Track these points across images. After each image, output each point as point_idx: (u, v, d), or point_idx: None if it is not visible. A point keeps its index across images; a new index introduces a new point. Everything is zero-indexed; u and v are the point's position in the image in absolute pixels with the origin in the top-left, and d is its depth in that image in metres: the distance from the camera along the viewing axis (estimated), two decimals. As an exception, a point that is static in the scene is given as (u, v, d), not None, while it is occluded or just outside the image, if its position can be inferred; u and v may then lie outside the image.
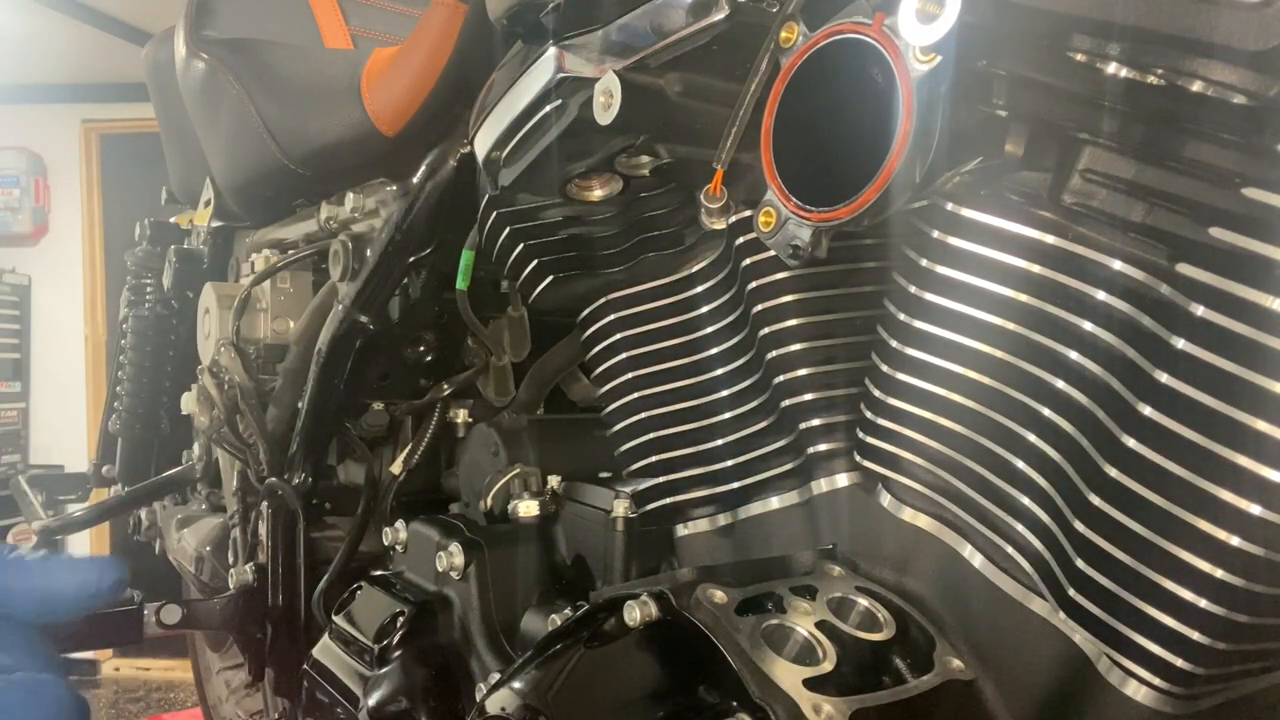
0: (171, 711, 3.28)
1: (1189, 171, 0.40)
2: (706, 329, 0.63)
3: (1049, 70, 0.41)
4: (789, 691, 0.44)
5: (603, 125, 0.55)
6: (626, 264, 0.67)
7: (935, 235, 0.47)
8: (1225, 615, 0.40)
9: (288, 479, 1.07)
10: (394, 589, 0.87)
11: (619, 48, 0.56)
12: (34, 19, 3.26)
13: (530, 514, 0.80)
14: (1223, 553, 0.39)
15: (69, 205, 4.10)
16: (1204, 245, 0.39)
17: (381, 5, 1.46)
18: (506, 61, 0.68)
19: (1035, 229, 0.45)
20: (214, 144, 1.27)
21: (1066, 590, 0.45)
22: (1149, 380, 0.40)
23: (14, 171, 4.03)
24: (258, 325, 1.21)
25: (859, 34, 0.42)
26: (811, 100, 0.46)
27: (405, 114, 0.98)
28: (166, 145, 1.62)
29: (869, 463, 0.54)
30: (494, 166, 0.67)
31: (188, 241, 1.58)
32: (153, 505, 1.65)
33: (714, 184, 0.54)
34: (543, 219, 0.68)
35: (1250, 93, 0.36)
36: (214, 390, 1.16)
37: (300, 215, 1.23)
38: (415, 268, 0.95)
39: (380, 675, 0.79)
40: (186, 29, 1.28)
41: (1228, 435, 0.38)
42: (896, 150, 0.40)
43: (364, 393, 1.02)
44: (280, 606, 1.10)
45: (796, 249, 0.46)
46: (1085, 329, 0.43)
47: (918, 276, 0.49)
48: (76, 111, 4.05)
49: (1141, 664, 0.42)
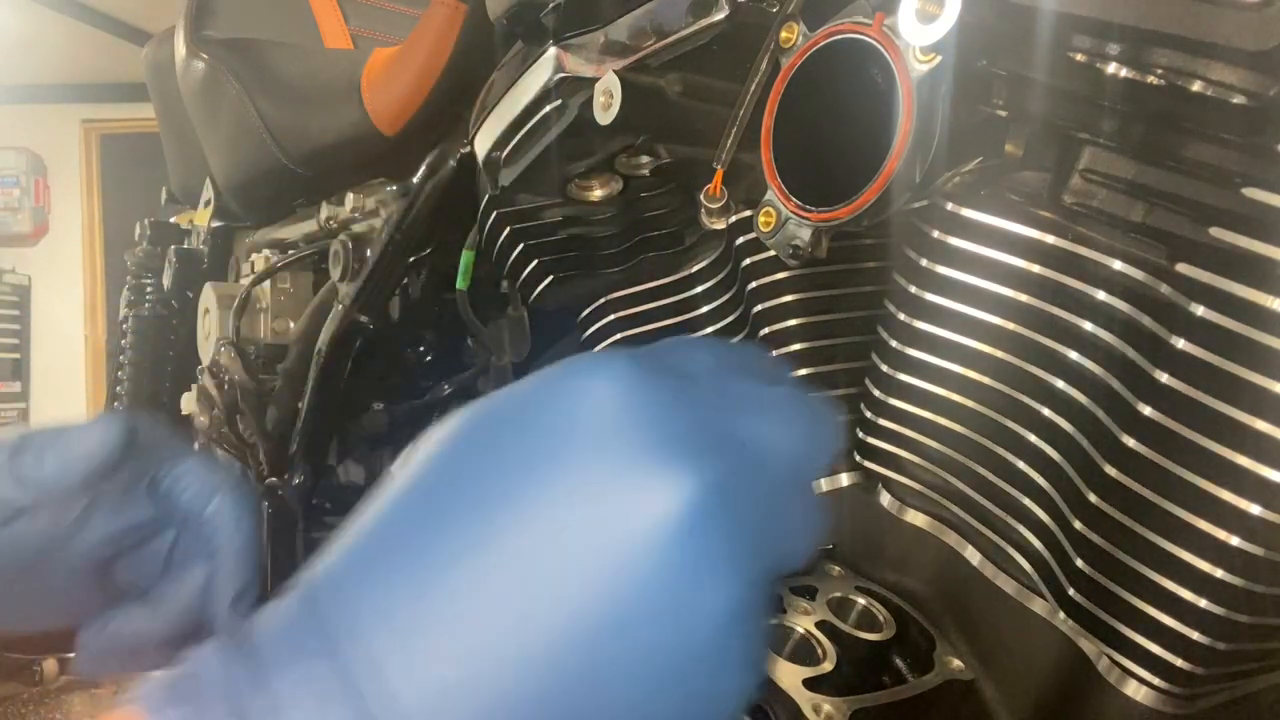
0: (171, 711, 3.27)
1: (1189, 171, 0.40)
2: (706, 329, 0.63)
3: (1049, 70, 0.41)
4: (789, 691, 0.44)
5: (603, 125, 0.55)
6: (626, 264, 0.67)
7: (935, 235, 0.47)
8: (1225, 615, 0.40)
9: (288, 479, 1.07)
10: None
11: (619, 48, 0.56)
12: (34, 19, 3.26)
13: (530, 514, 0.80)
14: (1223, 553, 0.39)
15: (69, 205, 4.10)
16: (1204, 245, 0.39)
17: (381, 5, 1.46)
18: (506, 61, 0.68)
19: (1035, 229, 0.45)
20: (214, 144, 1.27)
21: (1066, 590, 0.45)
22: (1149, 380, 0.40)
23: (14, 171, 4.04)
24: (258, 325, 1.21)
25: (859, 34, 0.42)
26: (811, 100, 0.46)
27: (405, 114, 0.98)
28: (166, 145, 1.62)
29: (869, 463, 0.54)
30: (494, 166, 0.67)
31: (188, 241, 1.58)
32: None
33: (714, 184, 0.54)
34: (543, 219, 0.68)
35: (1250, 93, 0.36)
36: (214, 390, 1.16)
37: (300, 215, 1.23)
38: (415, 268, 0.95)
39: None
40: (186, 29, 1.28)
41: (1228, 435, 0.38)
42: (896, 150, 0.40)
43: (364, 393, 1.02)
44: (280, 606, 1.10)
45: (796, 249, 0.46)
46: (1085, 329, 0.43)
47: (918, 276, 0.49)
48: (76, 111, 4.05)
49: (1141, 664, 0.42)
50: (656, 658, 0.27)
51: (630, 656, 0.27)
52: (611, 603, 0.26)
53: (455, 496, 0.28)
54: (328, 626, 0.26)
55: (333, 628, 0.26)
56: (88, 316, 4.04)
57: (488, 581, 0.26)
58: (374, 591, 0.26)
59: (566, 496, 0.27)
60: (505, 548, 0.26)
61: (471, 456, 0.29)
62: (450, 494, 0.28)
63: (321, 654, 0.26)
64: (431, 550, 0.27)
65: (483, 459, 0.29)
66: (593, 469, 0.27)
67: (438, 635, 0.26)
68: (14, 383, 3.99)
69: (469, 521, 0.27)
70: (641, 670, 0.27)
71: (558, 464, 0.28)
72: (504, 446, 0.29)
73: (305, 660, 0.26)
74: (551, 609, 0.26)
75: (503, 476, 0.28)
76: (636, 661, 0.27)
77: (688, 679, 0.27)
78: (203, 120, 1.28)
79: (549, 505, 0.27)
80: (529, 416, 0.29)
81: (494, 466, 0.28)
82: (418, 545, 0.27)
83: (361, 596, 0.27)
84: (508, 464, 0.28)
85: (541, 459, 0.28)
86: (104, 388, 1.88)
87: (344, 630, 0.26)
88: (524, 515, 0.27)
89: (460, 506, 0.27)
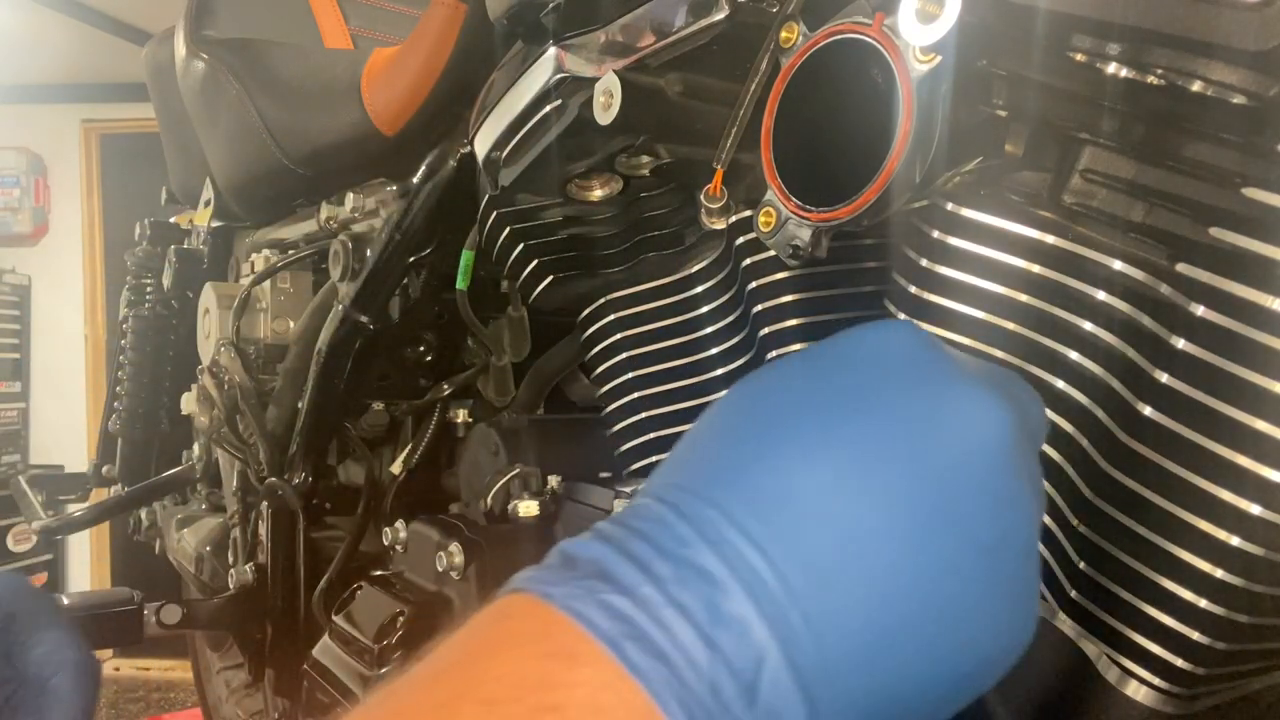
0: (171, 711, 3.28)
1: (1189, 171, 0.40)
2: (706, 329, 0.63)
3: (1049, 70, 0.41)
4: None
5: (603, 125, 0.55)
6: (626, 264, 0.67)
7: (935, 235, 0.47)
8: (1225, 615, 0.40)
9: (288, 479, 1.07)
10: (394, 589, 0.87)
11: (619, 48, 0.56)
12: (34, 19, 3.26)
13: (530, 514, 0.80)
14: (1223, 553, 0.39)
15: (69, 205, 4.10)
16: (1204, 245, 0.39)
17: (381, 5, 1.46)
18: (506, 61, 0.68)
19: (1035, 229, 0.45)
20: (214, 144, 1.27)
21: (1067, 590, 0.45)
22: (1149, 380, 0.40)
23: (14, 171, 4.03)
24: (258, 325, 1.20)
25: (859, 34, 0.42)
26: (811, 100, 0.46)
27: (405, 114, 0.98)
28: (166, 145, 1.62)
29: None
30: (494, 166, 0.67)
31: (188, 241, 1.58)
32: (153, 505, 1.65)
33: (714, 184, 0.54)
34: (543, 219, 0.68)
35: (1250, 93, 0.36)
36: (214, 390, 1.16)
37: (300, 215, 1.23)
38: (415, 268, 0.95)
39: (380, 675, 0.79)
40: (186, 29, 1.28)
41: (1228, 435, 0.38)
42: (896, 150, 0.40)
43: (364, 393, 1.02)
44: (280, 606, 1.10)
45: (796, 249, 0.46)
46: (1085, 329, 0.43)
47: (918, 276, 0.49)
48: (76, 111, 4.05)
49: (1141, 664, 0.42)
50: (982, 560, 0.31)
51: (965, 550, 0.30)
52: (955, 497, 0.30)
53: (798, 415, 0.32)
54: (700, 525, 0.29)
55: (707, 525, 0.29)
56: (88, 316, 4.03)
57: (850, 479, 0.30)
58: (741, 493, 0.30)
59: (902, 413, 0.31)
60: (860, 453, 0.30)
61: (796, 384, 0.33)
62: (793, 413, 0.32)
63: (706, 543, 0.29)
64: (786, 458, 0.30)
65: (811, 385, 0.33)
66: (918, 395, 0.32)
67: (811, 525, 0.29)
68: (14, 383, 3.99)
69: (820, 436, 0.31)
70: (969, 570, 0.31)
71: (887, 389, 0.32)
72: (828, 376, 0.33)
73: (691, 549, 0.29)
74: (905, 499, 0.30)
75: (840, 400, 0.32)
76: (968, 557, 0.30)
77: (1001, 595, 0.31)
78: (203, 120, 1.28)
79: (886, 421, 0.31)
80: (841, 358, 0.34)
81: (825, 391, 0.32)
82: (772, 455, 0.31)
83: (729, 498, 0.30)
84: (839, 391, 0.32)
85: (871, 387, 0.32)
86: (104, 388, 1.88)
87: (720, 526, 0.29)
88: (869, 428, 0.31)
89: (807, 424, 0.31)
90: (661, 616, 0.27)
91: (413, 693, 0.28)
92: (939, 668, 0.30)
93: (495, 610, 0.30)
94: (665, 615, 0.27)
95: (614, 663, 0.26)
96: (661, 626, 0.27)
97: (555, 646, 0.27)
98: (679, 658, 0.27)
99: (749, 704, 0.27)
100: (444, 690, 0.27)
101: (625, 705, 0.26)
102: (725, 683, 0.27)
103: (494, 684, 0.26)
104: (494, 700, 0.26)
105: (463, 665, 0.28)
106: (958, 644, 0.30)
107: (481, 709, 0.26)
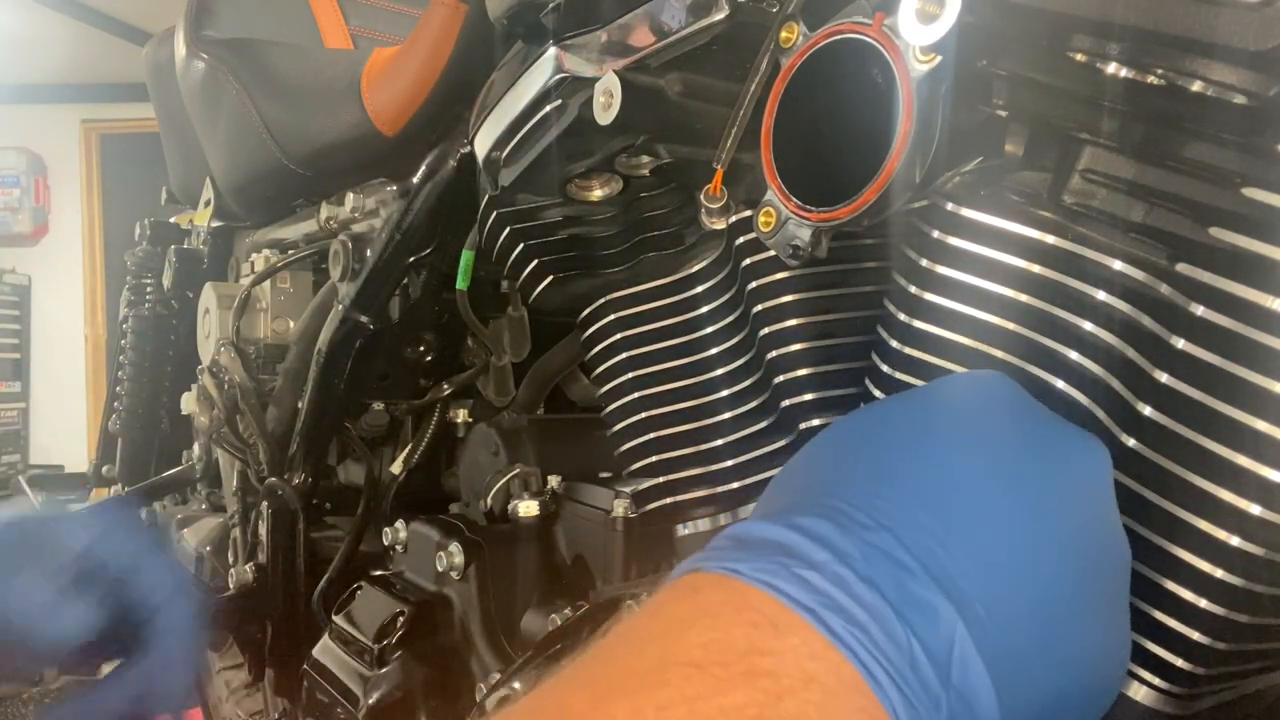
0: (171, 711, 3.28)
1: (1189, 171, 0.40)
2: (706, 329, 0.63)
3: (1049, 70, 0.41)
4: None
5: (603, 125, 0.55)
6: (626, 264, 0.67)
7: (935, 235, 0.47)
8: (1225, 615, 0.40)
9: (288, 479, 1.07)
10: (394, 589, 0.87)
11: (619, 48, 0.56)
12: (34, 19, 3.27)
13: (530, 514, 0.80)
14: (1223, 553, 0.39)
15: (69, 205, 4.10)
16: (1204, 245, 0.39)
17: (381, 5, 1.46)
18: (506, 61, 0.68)
19: (1035, 229, 0.45)
20: (214, 144, 1.27)
21: (1066, 590, 0.45)
22: (1149, 380, 0.40)
23: (14, 171, 4.04)
24: (258, 325, 1.21)
25: (859, 34, 0.42)
26: (811, 100, 0.46)
27: (405, 114, 0.98)
28: (166, 145, 1.62)
29: (869, 463, 0.54)
30: (494, 166, 0.67)
31: (188, 241, 1.58)
32: (153, 505, 1.65)
33: (714, 184, 0.54)
34: (543, 219, 0.68)
35: (1250, 93, 0.36)
36: (214, 390, 1.16)
37: (300, 215, 1.23)
38: (415, 268, 0.95)
39: (380, 675, 0.79)
40: (186, 29, 1.28)
41: (1228, 435, 0.38)
42: (896, 150, 0.40)
43: (364, 393, 1.02)
44: (280, 606, 1.10)
45: (796, 249, 0.46)
46: (1085, 329, 0.43)
47: (918, 277, 0.49)
48: (76, 111, 4.05)
49: (1141, 664, 0.42)
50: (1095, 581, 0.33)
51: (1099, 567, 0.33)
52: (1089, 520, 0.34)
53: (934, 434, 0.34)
54: (874, 513, 0.31)
55: (881, 514, 0.31)
56: (88, 316, 4.03)
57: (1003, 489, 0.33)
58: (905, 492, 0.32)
59: (1030, 440, 0.34)
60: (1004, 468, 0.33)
61: (916, 413, 0.36)
62: (927, 433, 0.35)
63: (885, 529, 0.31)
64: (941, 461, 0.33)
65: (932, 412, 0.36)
66: (1036, 428, 0.35)
67: (978, 525, 0.31)
68: (14, 383, 3.99)
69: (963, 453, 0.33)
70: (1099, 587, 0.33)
71: (1008, 420, 0.35)
72: (943, 410, 0.36)
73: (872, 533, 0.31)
74: (1055, 512, 0.33)
75: (967, 425, 0.35)
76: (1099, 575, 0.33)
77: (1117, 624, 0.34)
78: (203, 120, 1.28)
79: (1019, 445, 0.34)
80: (951, 396, 0.37)
81: (949, 417, 0.35)
82: (923, 461, 0.33)
83: (895, 494, 0.32)
84: (962, 418, 0.35)
85: (992, 417, 0.35)
86: (104, 388, 1.88)
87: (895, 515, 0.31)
88: (1005, 450, 0.34)
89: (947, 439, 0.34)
90: (856, 592, 0.28)
91: (615, 660, 0.28)
92: (1081, 678, 0.32)
93: (681, 585, 0.30)
94: (860, 591, 0.28)
95: (818, 633, 0.27)
96: (858, 601, 0.28)
97: (756, 616, 0.27)
98: (879, 632, 0.27)
99: (944, 684, 0.28)
100: (650, 656, 0.27)
101: (834, 674, 0.27)
102: (922, 660, 0.27)
103: (699, 650, 0.27)
104: (702, 664, 0.26)
105: (664, 634, 0.28)
106: (1093, 658, 0.32)
107: (691, 671, 0.26)
